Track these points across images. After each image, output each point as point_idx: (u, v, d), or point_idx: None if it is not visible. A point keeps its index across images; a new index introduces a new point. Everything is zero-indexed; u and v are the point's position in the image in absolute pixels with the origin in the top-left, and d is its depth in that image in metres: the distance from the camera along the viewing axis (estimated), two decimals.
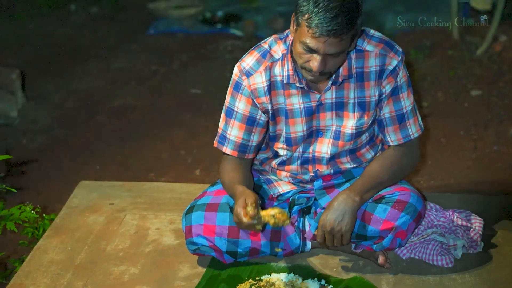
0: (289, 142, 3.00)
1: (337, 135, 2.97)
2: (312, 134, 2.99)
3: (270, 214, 2.72)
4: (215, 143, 3.03)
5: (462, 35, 6.01)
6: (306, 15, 2.59)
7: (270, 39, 2.94)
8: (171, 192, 3.70)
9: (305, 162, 3.06)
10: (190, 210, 3.05)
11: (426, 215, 3.12)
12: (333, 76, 2.83)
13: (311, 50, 2.65)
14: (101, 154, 4.93)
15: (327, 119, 2.95)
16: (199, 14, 7.37)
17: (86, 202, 3.61)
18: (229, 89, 2.97)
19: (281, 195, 3.13)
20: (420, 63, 5.73)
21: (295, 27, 2.69)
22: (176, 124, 5.27)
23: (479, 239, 3.07)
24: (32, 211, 3.31)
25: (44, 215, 3.57)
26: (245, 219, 2.69)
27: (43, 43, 6.99)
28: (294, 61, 2.83)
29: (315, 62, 2.66)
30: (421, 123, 3.02)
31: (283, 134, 2.99)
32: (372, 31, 2.89)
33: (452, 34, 6.01)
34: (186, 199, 3.52)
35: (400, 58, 2.86)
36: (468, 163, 4.41)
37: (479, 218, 3.17)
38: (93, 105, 5.67)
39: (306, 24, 2.60)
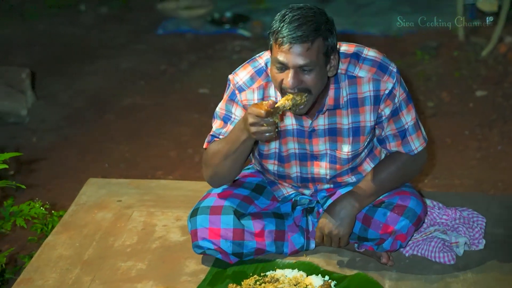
0: (281, 159, 3.01)
1: (333, 159, 2.98)
2: (306, 158, 2.99)
3: (285, 99, 2.65)
4: (206, 145, 3.00)
5: (468, 36, 6.05)
6: (274, 32, 2.64)
7: (266, 55, 2.90)
8: (178, 189, 3.74)
9: (304, 181, 3.08)
10: (194, 213, 3.07)
11: (428, 213, 3.17)
12: (321, 105, 2.82)
13: (282, 67, 2.65)
14: (109, 152, 4.99)
15: (320, 144, 2.94)
16: (207, 15, 7.42)
17: (94, 199, 3.66)
18: (225, 97, 2.96)
19: (285, 197, 3.17)
20: (425, 63, 5.76)
21: (270, 54, 2.71)
22: (183, 123, 5.33)
23: (481, 237, 3.11)
24: (41, 208, 3.36)
25: (53, 211, 3.62)
26: (264, 108, 2.60)
27: (53, 43, 7.05)
28: None
29: (287, 78, 2.65)
30: (425, 135, 3.00)
31: (276, 151, 2.99)
32: (365, 51, 2.86)
33: (457, 35, 6.04)
34: (193, 196, 3.55)
35: (395, 79, 2.82)
36: (472, 162, 4.45)
37: (481, 216, 3.21)
38: (102, 104, 5.73)
39: (274, 40, 2.64)
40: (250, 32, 6.93)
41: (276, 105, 2.63)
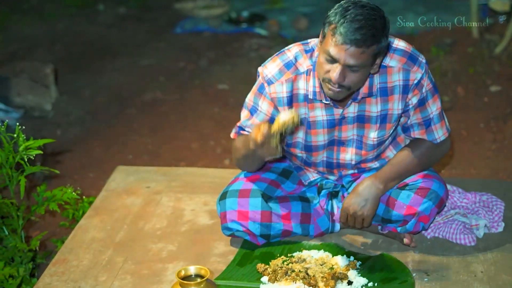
0: (309, 149, 3.09)
1: (359, 145, 3.06)
2: (334, 143, 3.08)
3: (278, 122, 2.71)
4: (234, 135, 3.11)
5: (482, 33, 6.12)
6: (333, 25, 2.67)
7: (295, 49, 2.97)
8: (204, 176, 3.84)
9: (330, 166, 3.16)
10: (223, 196, 3.17)
11: (449, 197, 3.26)
12: (355, 93, 2.90)
13: (332, 60, 2.70)
14: (132, 144, 5.08)
15: (348, 130, 3.02)
16: (224, 14, 7.53)
17: (124, 185, 3.77)
18: (254, 88, 3.03)
19: (311, 181, 3.25)
20: (441, 60, 5.82)
21: (320, 38, 2.76)
22: (204, 117, 5.41)
23: (500, 220, 3.20)
24: (73, 193, 3.45)
25: (83, 197, 3.71)
26: (259, 137, 2.70)
27: (73, 41, 7.15)
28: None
29: (334, 72, 2.71)
30: (448, 125, 3.08)
31: (303, 142, 3.07)
32: (395, 42, 2.93)
33: (472, 33, 6.11)
34: (219, 183, 3.65)
35: (423, 70, 2.90)
36: (488, 153, 4.51)
37: (500, 200, 3.31)
38: (124, 99, 5.82)
39: (331, 33, 2.67)
40: (266, 30, 7.03)
41: (272, 131, 2.70)
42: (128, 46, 6.97)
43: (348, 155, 3.09)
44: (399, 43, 2.92)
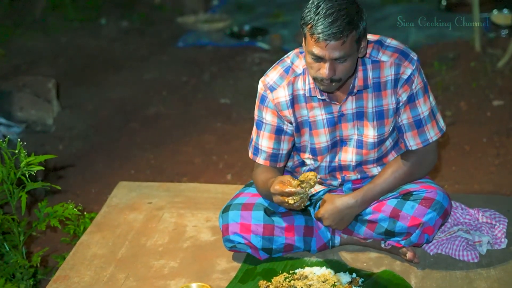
0: (314, 152, 3.12)
1: (359, 144, 3.08)
2: (337, 144, 3.11)
3: (306, 177, 2.78)
4: (251, 155, 3.18)
5: (484, 47, 6.12)
6: (309, 25, 2.74)
7: (292, 53, 3.06)
8: (206, 192, 3.84)
9: (332, 170, 3.19)
10: (226, 209, 3.18)
11: (452, 213, 3.25)
12: (350, 86, 2.96)
13: (318, 58, 2.77)
14: (135, 159, 5.07)
15: (349, 128, 3.06)
16: (226, 28, 7.54)
17: (126, 201, 3.76)
18: (256, 103, 3.11)
19: (313, 194, 3.25)
20: (443, 74, 5.83)
21: (303, 40, 2.82)
22: (207, 131, 5.41)
23: (503, 236, 3.19)
24: (74, 209, 3.44)
25: (85, 213, 3.70)
26: (288, 188, 2.78)
27: (76, 55, 7.15)
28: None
29: (323, 69, 2.77)
30: (442, 124, 3.10)
31: (308, 145, 3.11)
32: (388, 40, 2.99)
33: (474, 47, 6.12)
34: (222, 198, 3.66)
35: (414, 66, 2.95)
36: (491, 168, 4.50)
37: (503, 216, 3.30)
38: (126, 113, 5.82)
39: (310, 33, 2.74)
40: (269, 44, 7.03)
41: (293, 186, 2.79)
42: (130, 60, 6.97)
43: (349, 155, 3.11)
44: (391, 42, 2.99)
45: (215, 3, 8.51)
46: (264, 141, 3.11)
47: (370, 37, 2.97)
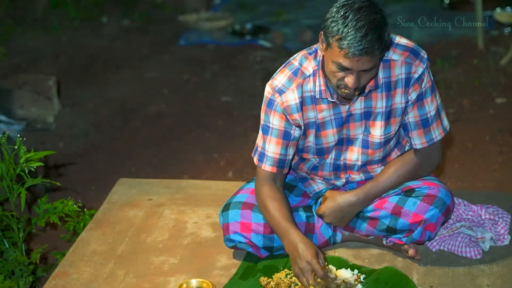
0: (321, 152, 3.08)
1: (365, 144, 3.04)
2: (343, 142, 3.06)
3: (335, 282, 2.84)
4: (256, 161, 3.08)
5: (487, 45, 6.11)
6: (336, 36, 2.63)
7: (299, 55, 2.99)
8: (207, 189, 3.81)
9: (337, 168, 3.15)
10: (226, 208, 3.15)
11: (455, 209, 3.22)
12: None
13: (345, 69, 2.69)
14: (136, 157, 5.06)
15: (356, 128, 3.01)
16: (228, 27, 7.54)
17: (126, 198, 3.74)
18: (263, 107, 3.02)
19: (316, 193, 3.24)
20: (446, 72, 5.82)
21: (325, 46, 2.73)
22: (208, 129, 5.40)
23: (506, 233, 3.17)
24: (74, 205, 3.42)
25: (85, 210, 3.68)
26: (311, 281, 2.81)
27: (77, 53, 7.15)
28: (325, 76, 2.86)
29: (350, 79, 2.70)
30: (446, 124, 3.06)
31: (314, 146, 3.06)
32: (397, 38, 2.92)
33: (477, 45, 6.10)
34: (222, 195, 3.62)
35: (425, 65, 2.90)
36: (494, 166, 4.49)
37: (506, 213, 3.27)
38: (128, 112, 5.80)
39: (337, 45, 2.64)
40: (271, 43, 7.02)
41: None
42: (132, 59, 6.96)
43: (355, 154, 3.08)
44: (401, 40, 2.93)
45: (217, 2, 8.51)
46: (271, 147, 3.02)
47: None
